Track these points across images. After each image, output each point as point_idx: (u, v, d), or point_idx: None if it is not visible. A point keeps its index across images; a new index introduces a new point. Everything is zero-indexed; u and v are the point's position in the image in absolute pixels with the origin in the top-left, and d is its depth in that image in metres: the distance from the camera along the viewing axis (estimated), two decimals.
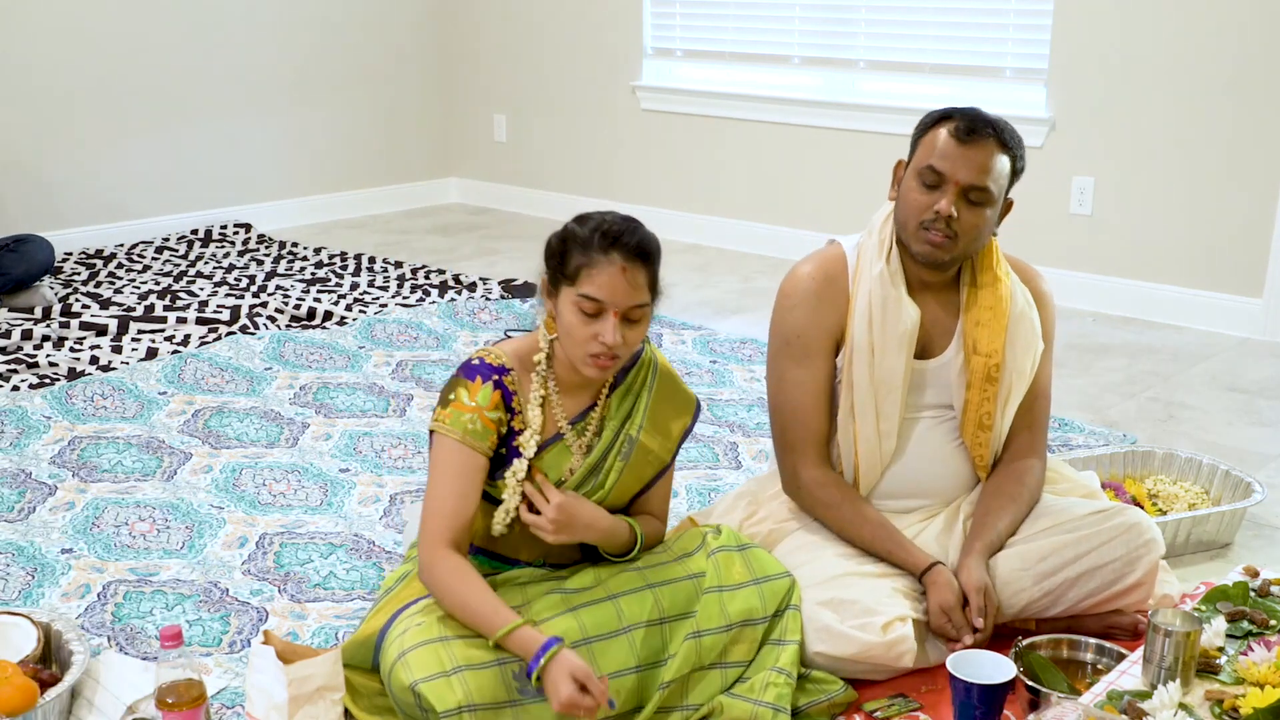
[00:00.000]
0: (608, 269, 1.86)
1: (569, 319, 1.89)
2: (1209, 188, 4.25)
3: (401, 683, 1.78)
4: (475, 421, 1.91)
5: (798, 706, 1.97)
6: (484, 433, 1.92)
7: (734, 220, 5.54)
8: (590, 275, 1.86)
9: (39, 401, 3.35)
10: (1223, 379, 3.81)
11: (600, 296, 1.86)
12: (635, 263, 1.87)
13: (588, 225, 1.90)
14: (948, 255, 2.15)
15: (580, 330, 1.88)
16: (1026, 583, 2.14)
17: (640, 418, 2.04)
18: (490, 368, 1.95)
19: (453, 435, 1.91)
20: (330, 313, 4.27)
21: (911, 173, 2.17)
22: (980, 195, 2.12)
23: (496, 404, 1.93)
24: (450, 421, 1.92)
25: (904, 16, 4.97)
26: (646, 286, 1.90)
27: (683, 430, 2.11)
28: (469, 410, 1.91)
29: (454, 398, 1.93)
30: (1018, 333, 2.22)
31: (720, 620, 1.98)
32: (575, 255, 1.88)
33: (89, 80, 5.24)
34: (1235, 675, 1.86)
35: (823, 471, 2.24)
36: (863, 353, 2.18)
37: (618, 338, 1.87)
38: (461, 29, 6.40)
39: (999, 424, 2.25)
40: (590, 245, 1.88)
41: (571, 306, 1.88)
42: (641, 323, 1.92)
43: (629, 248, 1.87)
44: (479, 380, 1.93)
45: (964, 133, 2.11)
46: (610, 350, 1.88)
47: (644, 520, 2.11)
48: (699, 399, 2.16)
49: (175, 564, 2.55)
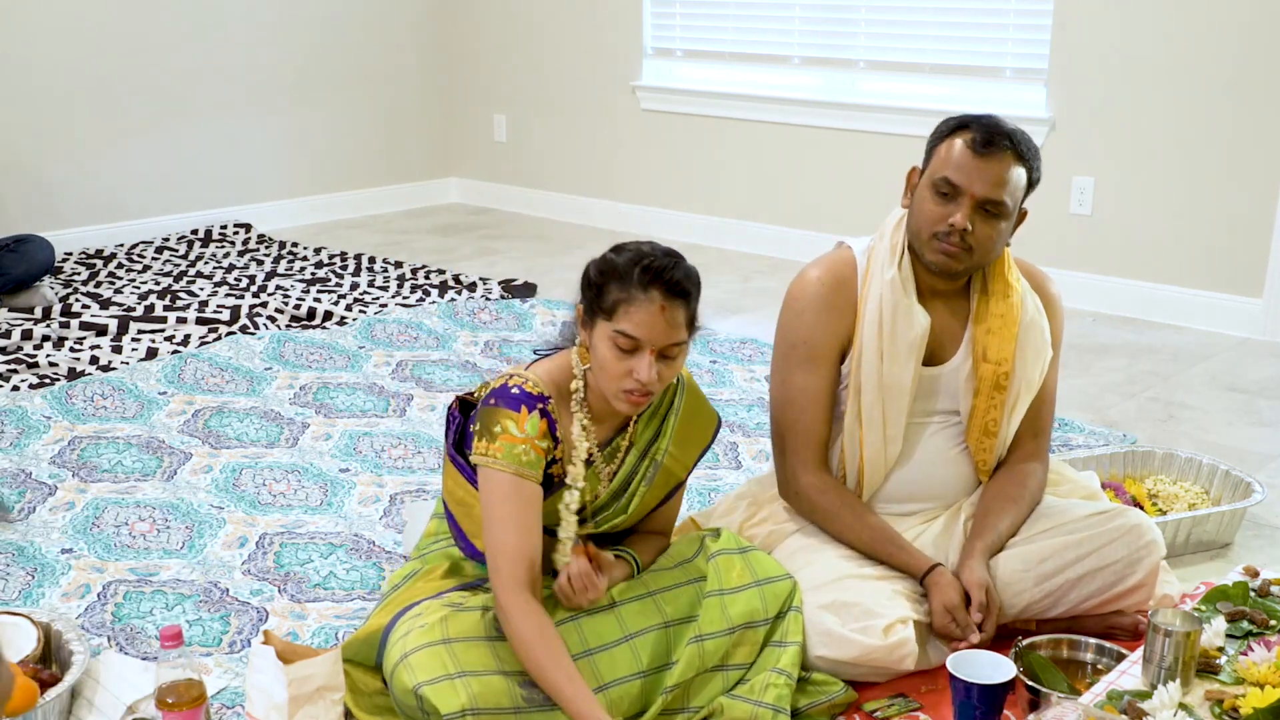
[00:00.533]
0: (647, 307, 1.81)
1: (603, 353, 1.84)
2: (1209, 188, 4.25)
3: (404, 685, 1.78)
4: (529, 452, 1.85)
5: (798, 707, 1.97)
6: (537, 462, 1.86)
7: (734, 220, 5.54)
8: (628, 312, 1.81)
9: (39, 401, 3.35)
10: (1223, 379, 3.81)
11: (638, 335, 1.81)
12: (675, 301, 1.82)
13: (626, 257, 1.85)
14: (961, 266, 2.13)
15: (614, 366, 1.83)
16: (1027, 584, 2.14)
17: (666, 442, 2.01)
18: (533, 396, 1.88)
19: (507, 469, 1.84)
20: (330, 313, 4.27)
21: (926, 182, 2.14)
22: (996, 208, 2.10)
23: (544, 433, 1.87)
24: (503, 455, 1.84)
25: (904, 16, 4.97)
26: (685, 324, 1.85)
27: (702, 448, 2.08)
28: (521, 441, 1.85)
29: (500, 429, 1.85)
30: (1028, 341, 2.20)
31: (722, 624, 1.98)
32: (613, 289, 1.83)
33: (89, 80, 5.24)
34: (1235, 675, 1.86)
35: (820, 477, 2.23)
36: (871, 359, 2.16)
37: (653, 375, 1.82)
38: (461, 29, 6.40)
39: (1004, 430, 2.24)
40: (629, 280, 1.82)
41: (607, 341, 1.83)
42: (677, 359, 1.87)
43: (669, 285, 1.82)
44: (524, 410, 1.86)
45: (981, 144, 2.08)
46: (644, 387, 1.84)
47: (647, 539, 2.09)
48: (720, 417, 2.13)
49: (175, 564, 2.55)
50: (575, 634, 1.90)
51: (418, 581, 2.01)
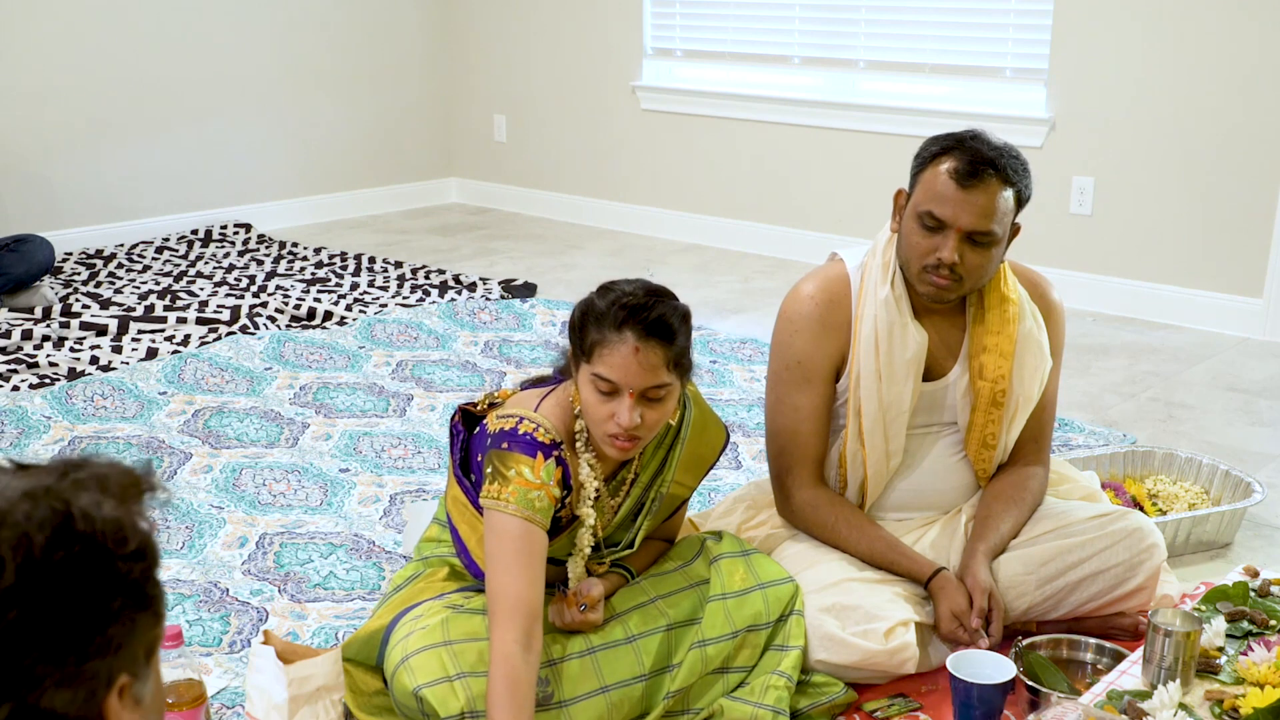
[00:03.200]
0: (620, 348, 1.75)
1: (586, 396, 1.81)
2: (1209, 188, 4.25)
3: (404, 687, 1.78)
4: (542, 498, 1.80)
5: (798, 709, 1.97)
6: (548, 509, 1.81)
7: (734, 220, 5.54)
8: (603, 355, 1.76)
9: (39, 401, 3.35)
10: (1223, 379, 3.81)
11: (613, 377, 1.76)
12: (650, 342, 1.75)
13: (607, 298, 1.80)
14: (953, 295, 2.10)
15: (597, 410, 1.79)
16: (1029, 586, 2.13)
17: (670, 474, 1.98)
18: (548, 446, 1.83)
19: (518, 514, 1.79)
20: (330, 313, 4.26)
21: (911, 212, 2.08)
22: (984, 238, 2.04)
23: (559, 480, 1.83)
24: (517, 500, 1.79)
25: (904, 16, 4.96)
26: (665, 366, 1.77)
27: (707, 467, 2.06)
28: (535, 487, 1.80)
29: (513, 474, 1.80)
30: (1025, 357, 2.18)
31: (725, 628, 1.97)
32: (591, 331, 1.79)
33: (89, 80, 5.23)
34: (1235, 675, 1.86)
35: (816, 492, 2.21)
36: (870, 380, 2.14)
37: (634, 419, 1.77)
38: (462, 29, 6.40)
39: (1003, 441, 2.23)
40: (605, 321, 1.77)
41: (589, 384, 1.80)
42: (664, 402, 1.81)
43: (644, 325, 1.75)
44: (540, 457, 1.81)
45: (964, 176, 2.01)
46: (627, 432, 1.79)
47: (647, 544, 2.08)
48: (728, 431, 2.10)
49: (175, 564, 2.55)
50: (581, 640, 1.91)
51: (419, 583, 2.01)
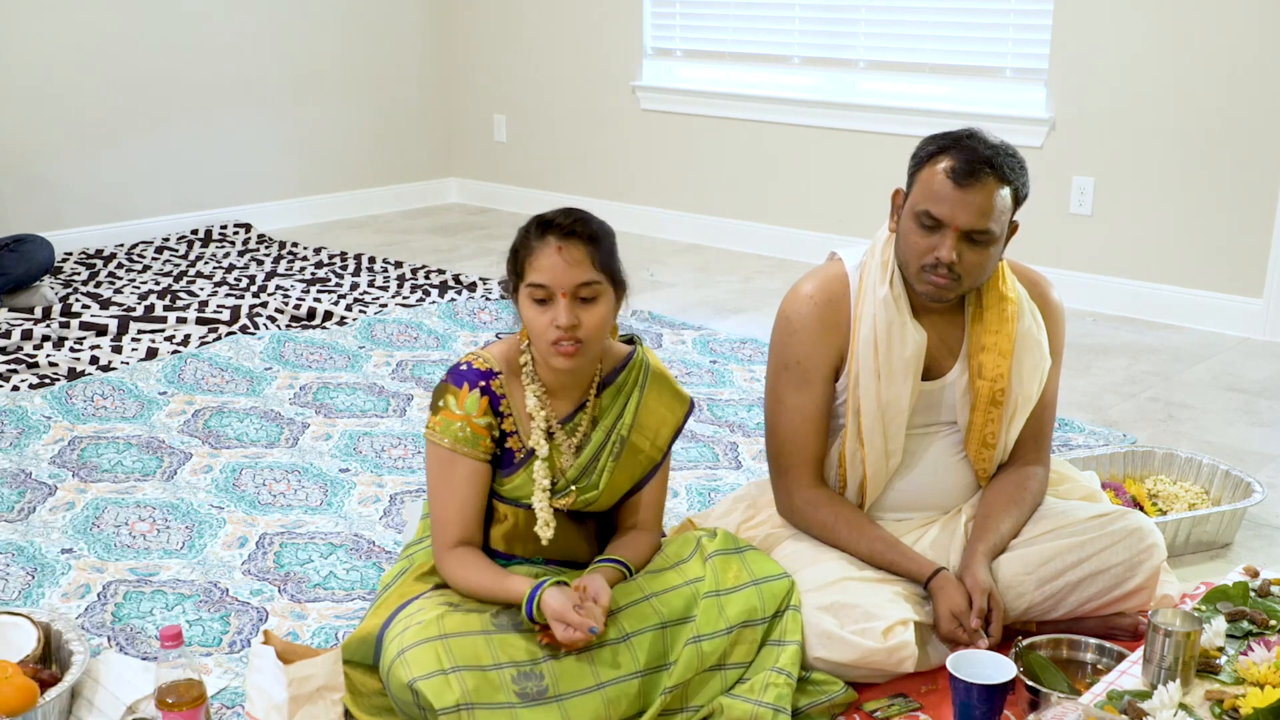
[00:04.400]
0: (544, 250, 1.90)
1: (527, 315, 1.93)
2: (1209, 188, 4.25)
3: (400, 680, 1.79)
4: (465, 429, 1.96)
5: (798, 707, 1.97)
6: (475, 439, 1.96)
7: (734, 220, 5.54)
8: (532, 264, 1.91)
9: (39, 401, 3.35)
10: (1223, 379, 3.81)
11: (543, 280, 1.89)
12: (571, 240, 1.89)
13: (530, 221, 1.95)
14: (952, 294, 2.11)
15: (537, 321, 1.91)
16: (1029, 586, 2.13)
17: (631, 417, 2.05)
18: (477, 373, 1.98)
19: (444, 444, 1.96)
20: (330, 313, 4.27)
21: (909, 212, 2.09)
22: (982, 236, 2.04)
23: (485, 410, 1.97)
24: (441, 429, 1.97)
25: (904, 16, 4.96)
26: (591, 264, 1.90)
27: (674, 430, 2.11)
28: (458, 418, 1.96)
29: (443, 405, 1.97)
30: (1024, 357, 2.18)
31: (720, 624, 1.98)
32: (520, 251, 1.94)
33: (89, 80, 5.24)
34: (1235, 675, 1.86)
35: (816, 493, 2.21)
36: (869, 380, 2.14)
37: (571, 318, 1.88)
38: (462, 29, 6.40)
39: (1003, 441, 2.23)
40: (529, 235, 1.93)
41: (527, 301, 1.93)
42: (598, 303, 1.92)
43: (562, 227, 1.90)
44: (465, 387, 1.97)
45: (961, 175, 2.01)
46: (568, 332, 1.89)
47: (636, 539, 2.10)
48: (693, 399, 2.16)
49: (175, 564, 2.55)
50: None
51: (408, 579, 2.03)
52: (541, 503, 1.99)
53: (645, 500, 2.12)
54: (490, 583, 1.94)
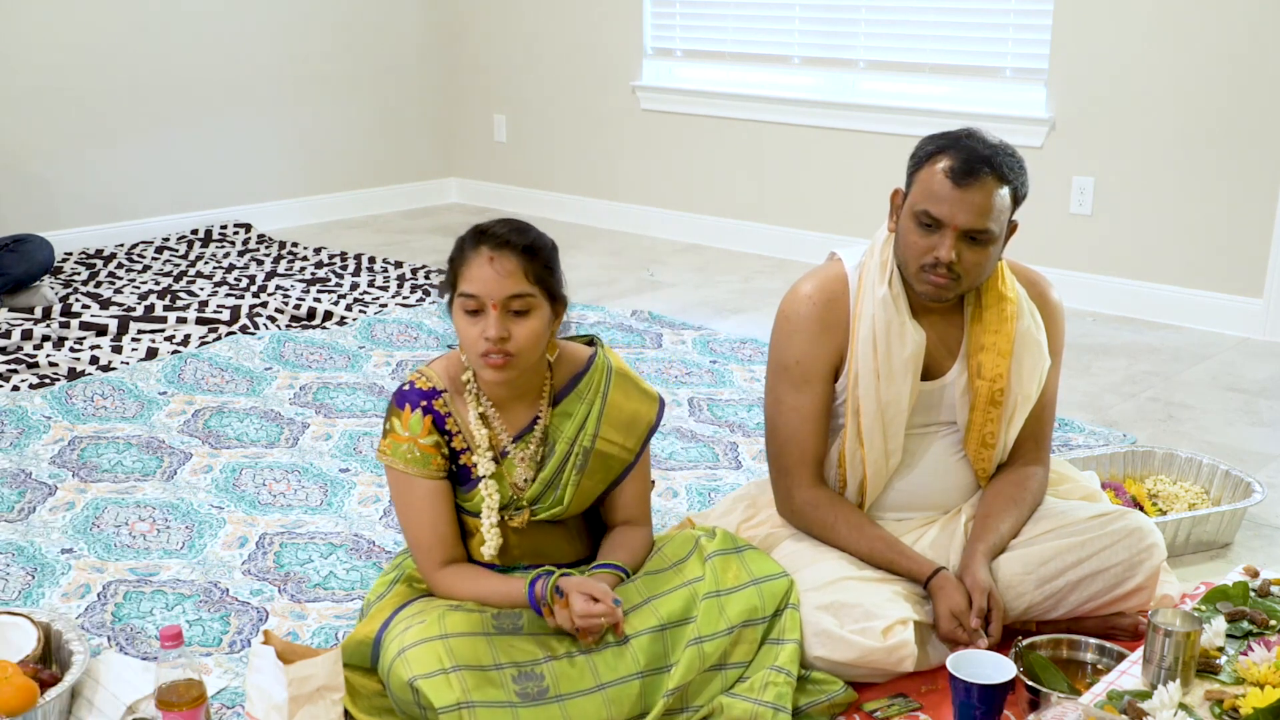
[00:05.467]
0: (476, 261, 1.87)
1: (459, 325, 1.91)
2: (1209, 188, 4.25)
3: (400, 679, 1.79)
4: (413, 450, 1.96)
5: (798, 706, 1.97)
6: (425, 459, 1.96)
7: (734, 220, 5.54)
8: (464, 273, 1.88)
9: (39, 401, 3.35)
10: (1223, 379, 3.81)
11: (474, 290, 1.86)
12: (504, 250, 1.87)
13: (467, 231, 1.92)
14: (951, 294, 2.11)
15: (468, 332, 1.89)
16: (1028, 586, 2.13)
17: (594, 426, 2.02)
18: (419, 393, 1.97)
19: (398, 466, 1.96)
20: (330, 313, 4.27)
21: (908, 212, 2.09)
22: (981, 235, 2.04)
23: (429, 429, 1.96)
24: (391, 452, 1.97)
25: (904, 16, 4.96)
26: (524, 276, 1.87)
27: (647, 428, 2.08)
28: (404, 440, 1.95)
29: (389, 427, 1.97)
30: (1023, 356, 2.18)
31: (721, 625, 1.97)
32: (455, 260, 1.91)
33: (89, 80, 5.24)
34: (1235, 675, 1.86)
35: (815, 493, 2.21)
36: (868, 380, 2.14)
37: (501, 330, 1.85)
38: (462, 29, 6.40)
39: (1003, 440, 2.23)
40: (464, 245, 1.90)
41: (459, 312, 1.90)
42: (530, 316, 1.88)
43: (496, 237, 1.88)
44: (408, 408, 1.96)
45: (960, 175, 2.01)
46: (497, 345, 1.86)
47: (626, 536, 2.09)
48: (662, 397, 2.13)
49: (175, 564, 2.55)
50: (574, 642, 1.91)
51: (401, 585, 2.04)
52: (489, 521, 1.98)
53: (625, 498, 2.10)
54: (490, 589, 1.94)
